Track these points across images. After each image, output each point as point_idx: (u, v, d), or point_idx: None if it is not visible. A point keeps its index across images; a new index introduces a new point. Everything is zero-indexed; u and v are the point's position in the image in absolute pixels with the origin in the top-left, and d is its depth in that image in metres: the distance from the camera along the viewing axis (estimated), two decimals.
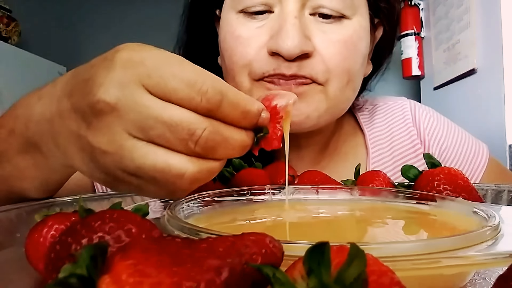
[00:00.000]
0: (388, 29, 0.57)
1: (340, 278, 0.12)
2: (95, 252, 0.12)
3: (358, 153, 0.62)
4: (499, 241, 0.20)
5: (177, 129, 0.25)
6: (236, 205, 0.32)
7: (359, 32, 0.50)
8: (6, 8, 2.01)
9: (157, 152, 0.26)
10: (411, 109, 0.64)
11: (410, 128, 0.62)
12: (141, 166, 0.26)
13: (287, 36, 0.45)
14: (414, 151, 0.61)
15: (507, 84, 1.08)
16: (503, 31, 1.08)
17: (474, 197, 0.33)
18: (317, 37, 0.47)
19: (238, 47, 0.49)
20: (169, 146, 0.26)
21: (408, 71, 1.69)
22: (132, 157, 0.26)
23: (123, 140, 0.26)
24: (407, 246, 0.19)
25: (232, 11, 0.50)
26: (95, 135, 0.26)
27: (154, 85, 0.26)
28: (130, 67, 0.26)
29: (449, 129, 0.63)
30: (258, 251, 0.14)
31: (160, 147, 0.26)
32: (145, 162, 0.26)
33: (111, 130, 0.26)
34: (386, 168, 0.59)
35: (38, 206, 0.37)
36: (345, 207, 0.35)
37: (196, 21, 0.58)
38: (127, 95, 0.25)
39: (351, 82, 0.50)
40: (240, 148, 0.28)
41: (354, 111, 0.65)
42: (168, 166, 0.26)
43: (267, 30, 0.48)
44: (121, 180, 0.28)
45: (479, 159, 0.61)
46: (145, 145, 0.26)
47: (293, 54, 0.45)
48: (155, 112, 0.25)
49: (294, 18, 0.46)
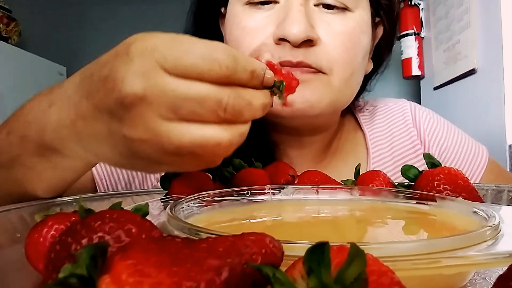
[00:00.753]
0: (388, 28, 0.58)
1: (340, 278, 0.12)
2: (95, 252, 0.12)
3: (359, 152, 0.62)
4: (499, 241, 0.20)
5: (205, 102, 0.26)
6: (236, 205, 0.32)
7: (361, 26, 0.51)
8: (6, 8, 2.01)
9: (191, 128, 0.27)
10: (411, 110, 0.65)
11: (410, 129, 0.63)
12: (180, 145, 0.27)
13: (293, 21, 0.46)
14: (414, 151, 0.61)
15: (507, 84, 1.08)
16: (503, 31, 1.08)
17: (474, 197, 0.33)
18: (321, 27, 0.48)
19: (245, 37, 0.50)
20: (201, 119, 0.27)
21: (408, 71, 1.69)
22: (170, 139, 0.27)
23: (158, 125, 0.27)
24: (407, 246, 0.19)
25: (239, 4, 0.51)
26: (130, 128, 0.27)
27: (172, 66, 0.26)
28: (146, 56, 0.27)
29: (449, 130, 0.63)
30: (258, 251, 0.14)
31: (193, 123, 0.27)
32: (183, 140, 0.27)
33: (145, 119, 0.27)
34: (386, 168, 0.59)
35: (38, 206, 0.37)
36: (345, 207, 0.35)
37: (202, 19, 0.59)
38: (151, 82, 0.26)
39: (354, 75, 0.51)
40: (262, 107, 0.29)
41: (354, 112, 0.66)
42: (205, 139, 0.27)
43: (273, 20, 0.49)
44: (162, 162, 0.29)
45: (479, 160, 0.61)
46: (179, 124, 0.27)
47: (299, 39, 0.46)
48: (181, 91, 0.26)
49: (299, 6, 0.47)
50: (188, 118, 0.27)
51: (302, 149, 0.59)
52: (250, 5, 0.50)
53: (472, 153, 0.61)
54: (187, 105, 0.26)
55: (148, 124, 0.27)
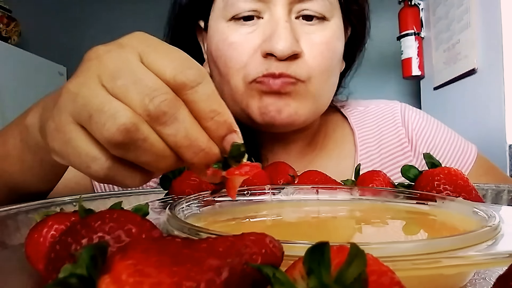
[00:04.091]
0: (358, 28, 0.61)
1: (340, 278, 0.12)
2: (95, 252, 0.12)
3: (347, 149, 0.64)
4: (499, 241, 0.20)
5: (142, 84, 0.24)
6: (236, 205, 0.32)
7: (337, 33, 0.54)
8: (6, 8, 2.01)
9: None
10: (401, 110, 0.67)
11: (398, 128, 0.65)
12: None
13: (280, 38, 0.48)
14: (402, 149, 0.63)
15: (507, 84, 1.08)
16: (503, 31, 1.08)
17: (474, 197, 0.33)
18: (303, 39, 0.51)
19: (232, 52, 0.51)
20: (125, 99, 0.24)
21: (408, 71, 1.69)
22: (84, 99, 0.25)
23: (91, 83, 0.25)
24: (407, 246, 0.19)
25: (222, 20, 0.53)
26: (73, 83, 0.26)
27: (147, 54, 0.26)
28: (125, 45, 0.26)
29: (437, 129, 0.65)
30: (258, 251, 0.14)
31: (116, 101, 0.24)
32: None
33: (87, 76, 0.25)
34: (374, 165, 0.62)
35: (38, 206, 0.37)
36: (345, 207, 0.35)
37: (179, 31, 0.61)
38: (115, 50, 0.25)
39: (330, 78, 0.55)
40: (194, 147, 0.25)
41: (344, 111, 0.68)
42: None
43: (258, 35, 0.51)
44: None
45: (467, 156, 0.63)
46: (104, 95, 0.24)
47: (286, 54, 0.49)
48: (132, 67, 0.25)
49: (285, 22, 0.50)
50: (119, 91, 0.24)
51: (287, 145, 0.61)
52: (235, 20, 0.52)
53: (461, 151, 0.63)
54: (126, 77, 0.24)
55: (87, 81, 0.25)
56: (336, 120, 0.68)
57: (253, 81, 0.51)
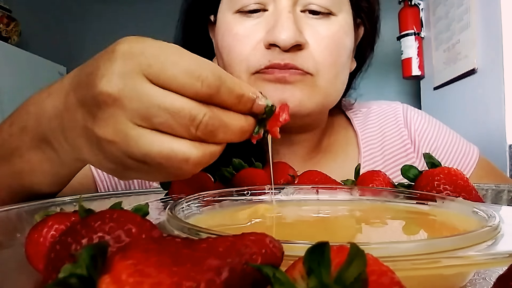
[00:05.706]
0: (369, 28, 0.61)
1: (340, 278, 0.12)
2: (95, 252, 0.12)
3: (350, 151, 0.64)
4: (499, 241, 0.20)
5: (179, 115, 0.26)
6: (236, 205, 0.32)
7: (344, 28, 0.54)
8: (6, 8, 2.01)
9: (162, 139, 0.27)
10: (403, 111, 0.67)
11: (401, 129, 0.65)
12: (147, 153, 0.27)
13: (282, 28, 0.48)
14: (405, 150, 0.63)
15: (507, 84, 1.08)
16: (503, 31, 1.08)
17: (474, 197, 0.33)
18: (308, 31, 0.51)
19: (236, 44, 0.52)
20: (172, 132, 0.27)
21: (408, 71, 1.69)
22: (138, 145, 0.27)
23: (128, 129, 0.27)
24: (407, 246, 0.19)
25: (229, 12, 0.53)
26: (101, 126, 0.27)
27: (155, 74, 0.26)
28: (130, 58, 0.27)
29: (440, 130, 0.65)
30: (258, 251, 0.14)
31: (164, 134, 0.27)
32: (151, 149, 0.27)
33: (116, 120, 0.27)
34: (377, 167, 0.61)
35: (38, 206, 0.37)
36: (345, 207, 0.35)
37: (191, 26, 0.61)
38: (128, 85, 0.26)
39: (339, 75, 0.54)
40: (239, 132, 0.29)
41: (348, 113, 0.68)
42: (174, 152, 0.27)
43: (262, 27, 0.51)
44: (129, 167, 0.29)
45: (469, 158, 0.63)
46: (149, 133, 0.27)
47: (289, 44, 0.48)
48: (157, 100, 0.26)
49: (288, 13, 0.49)
50: (160, 128, 0.27)
51: (292, 147, 0.61)
52: (241, 13, 0.52)
53: (463, 152, 0.63)
54: (160, 115, 0.26)
55: (119, 125, 0.27)
56: (341, 122, 0.68)
57: (256, 72, 0.51)
